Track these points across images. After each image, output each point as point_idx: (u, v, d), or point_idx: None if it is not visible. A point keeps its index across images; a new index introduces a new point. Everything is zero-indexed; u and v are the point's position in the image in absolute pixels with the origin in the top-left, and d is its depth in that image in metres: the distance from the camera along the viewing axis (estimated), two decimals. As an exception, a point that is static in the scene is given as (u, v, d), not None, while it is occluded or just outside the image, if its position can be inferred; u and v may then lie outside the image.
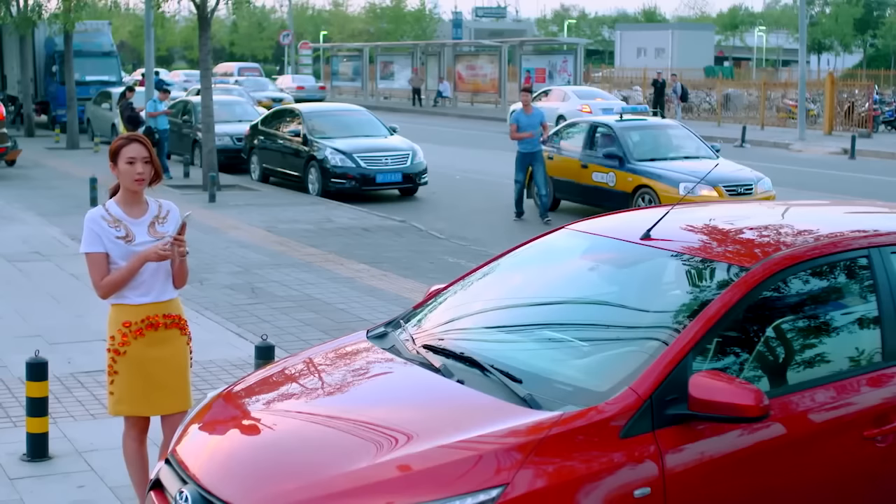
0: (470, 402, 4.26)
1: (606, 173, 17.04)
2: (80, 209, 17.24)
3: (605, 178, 17.08)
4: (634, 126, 17.70)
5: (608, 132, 17.51)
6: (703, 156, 17.29)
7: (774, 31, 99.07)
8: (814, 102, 40.50)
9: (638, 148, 17.07)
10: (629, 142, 17.09)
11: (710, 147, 17.85)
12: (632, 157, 16.82)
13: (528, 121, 17.36)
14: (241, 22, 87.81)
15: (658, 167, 16.51)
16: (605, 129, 17.66)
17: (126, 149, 5.43)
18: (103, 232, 5.43)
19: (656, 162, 16.74)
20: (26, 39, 33.14)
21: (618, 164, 16.85)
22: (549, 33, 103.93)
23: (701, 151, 17.50)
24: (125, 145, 5.45)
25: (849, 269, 4.85)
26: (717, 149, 17.96)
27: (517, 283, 5.47)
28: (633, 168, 16.66)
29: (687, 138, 17.97)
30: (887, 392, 4.54)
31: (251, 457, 4.21)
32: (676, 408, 4.03)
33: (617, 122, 17.76)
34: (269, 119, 22.76)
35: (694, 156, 17.22)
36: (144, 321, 5.51)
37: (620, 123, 17.68)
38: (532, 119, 17.39)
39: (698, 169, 16.15)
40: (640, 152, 16.99)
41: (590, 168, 17.46)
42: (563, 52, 49.34)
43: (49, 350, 8.56)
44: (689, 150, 17.46)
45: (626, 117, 18.14)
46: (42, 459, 6.65)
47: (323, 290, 11.72)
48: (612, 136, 17.31)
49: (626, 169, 16.73)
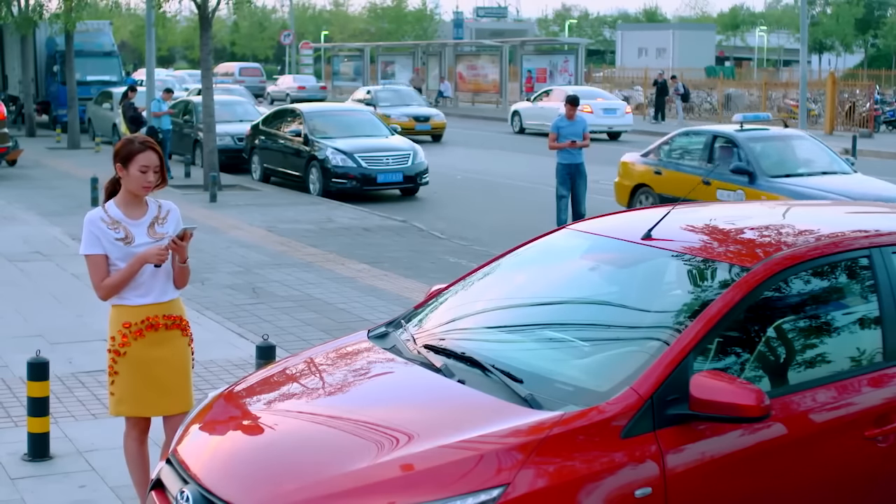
0: (471, 402, 4.26)
1: (734, 191, 14.74)
2: (81, 209, 17.26)
3: (732, 196, 14.71)
4: (760, 137, 15.42)
5: (729, 144, 15.33)
6: (838, 170, 15.12)
7: (775, 31, 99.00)
8: (815, 102, 40.48)
9: (768, 162, 14.87)
10: (757, 155, 14.88)
11: (845, 161, 15.69)
12: (763, 172, 14.59)
13: (571, 129, 16.05)
14: (243, 22, 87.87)
15: (797, 185, 14.21)
16: (726, 140, 15.48)
17: (141, 156, 5.39)
18: (102, 234, 5.42)
19: (791, 179, 14.52)
20: (27, 39, 33.15)
21: (748, 180, 14.59)
22: (551, 33, 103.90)
23: (835, 165, 15.28)
24: (141, 152, 5.40)
25: (850, 269, 4.85)
26: (851, 162, 15.99)
27: (518, 282, 5.47)
28: (768, 185, 14.36)
29: (819, 150, 15.69)
30: (888, 392, 4.54)
31: (252, 457, 4.21)
32: (677, 408, 4.03)
33: (740, 133, 15.39)
34: (270, 119, 22.76)
35: (830, 171, 15.03)
36: (144, 322, 5.50)
37: (744, 134, 15.34)
38: (574, 127, 16.07)
39: (844, 187, 13.88)
40: (770, 167, 14.78)
41: (713, 185, 15.07)
42: (564, 52, 49.35)
43: (50, 350, 8.56)
44: (824, 165, 15.22)
45: (747, 126, 15.76)
46: (43, 459, 6.65)
47: (324, 289, 11.72)
48: (735, 148, 15.13)
49: (759, 186, 14.44)
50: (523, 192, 21.19)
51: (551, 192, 16.57)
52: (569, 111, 16.10)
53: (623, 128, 35.94)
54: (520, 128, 37.66)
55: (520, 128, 37.66)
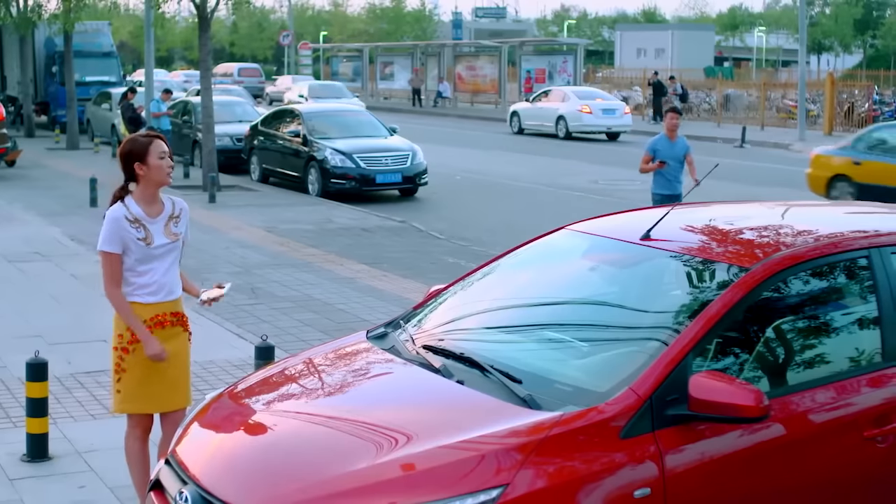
0: (470, 403, 4.26)
1: None
2: (80, 209, 17.30)
3: None
4: None
5: None
6: None
7: (774, 31, 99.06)
8: (814, 103, 40.48)
9: None
10: None
11: None
12: None
13: (670, 151, 12.83)
14: (241, 22, 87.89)
15: None
16: None
17: (154, 145, 5.49)
18: (126, 233, 5.47)
19: None
20: (26, 40, 33.15)
21: None
22: (549, 34, 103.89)
23: None
24: (152, 142, 5.50)
25: (849, 269, 4.84)
26: None
27: (517, 283, 5.46)
28: None
29: None
30: (887, 392, 4.54)
31: (251, 457, 4.21)
32: (676, 408, 4.03)
33: None
34: (269, 119, 22.77)
35: None
36: (153, 319, 5.55)
37: None
38: (675, 149, 12.87)
39: None
40: None
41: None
42: (563, 52, 49.32)
43: (49, 350, 8.54)
44: None
45: None
46: (42, 460, 6.65)
47: (323, 290, 11.72)
48: None
49: None
50: (522, 193, 21.19)
51: (549, 192, 16.54)
52: (670, 125, 12.86)
53: (622, 128, 35.95)
54: (519, 128, 37.66)
55: (519, 128, 37.66)
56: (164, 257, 5.55)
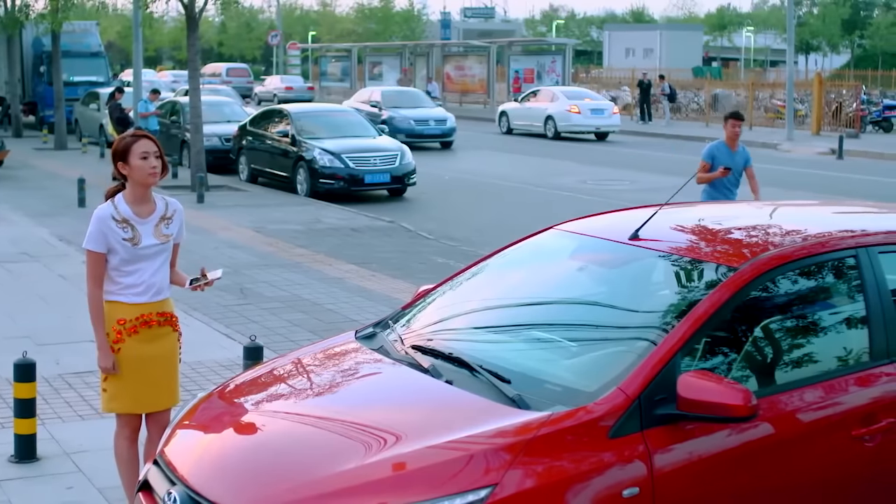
0: (459, 403, 4.26)
1: None
2: (68, 210, 17.26)
3: None
4: None
5: None
6: None
7: (762, 31, 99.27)
8: (802, 103, 40.55)
9: None
10: None
11: None
12: None
13: (730, 161, 11.62)
14: (230, 22, 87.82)
15: None
16: None
17: (137, 145, 5.44)
18: (111, 232, 5.43)
19: None
20: (14, 40, 33.08)
21: None
22: (538, 34, 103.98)
23: None
24: (135, 142, 5.45)
25: (837, 269, 4.85)
26: None
27: (506, 283, 5.46)
28: None
29: None
30: (875, 391, 4.55)
31: (240, 457, 4.21)
32: (665, 408, 4.04)
33: None
34: (258, 120, 22.75)
35: None
36: (139, 319, 5.52)
37: None
38: (735, 159, 11.71)
39: None
40: None
41: None
42: (552, 52, 49.37)
43: (37, 351, 8.51)
44: None
45: None
46: (30, 461, 6.63)
47: (312, 290, 11.71)
48: None
49: None
50: (511, 193, 21.20)
51: (538, 191, 16.55)
52: (730, 132, 11.75)
53: (610, 128, 35.99)
54: (507, 128, 37.66)
55: (507, 128, 37.66)
56: (153, 258, 5.52)
